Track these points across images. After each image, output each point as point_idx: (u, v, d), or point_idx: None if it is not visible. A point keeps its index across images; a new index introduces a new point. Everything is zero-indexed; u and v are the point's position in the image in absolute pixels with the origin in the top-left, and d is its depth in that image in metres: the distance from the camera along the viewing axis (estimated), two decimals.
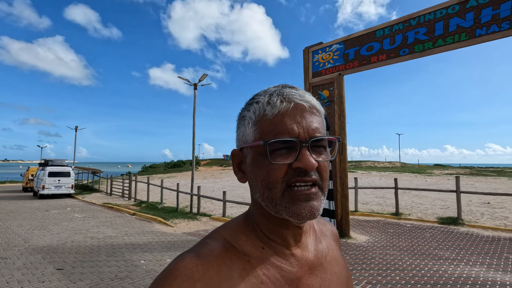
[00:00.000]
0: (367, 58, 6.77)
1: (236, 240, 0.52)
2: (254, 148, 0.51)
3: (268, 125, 0.49)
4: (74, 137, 26.62)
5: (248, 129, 0.52)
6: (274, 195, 0.48)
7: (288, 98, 0.50)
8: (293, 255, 0.54)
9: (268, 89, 0.54)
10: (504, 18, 5.03)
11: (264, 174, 0.49)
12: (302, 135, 0.48)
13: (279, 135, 0.48)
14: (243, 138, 0.54)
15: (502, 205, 10.81)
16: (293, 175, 0.48)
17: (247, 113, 0.53)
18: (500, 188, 17.10)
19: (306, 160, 0.47)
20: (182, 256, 0.48)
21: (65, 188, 16.76)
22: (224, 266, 0.47)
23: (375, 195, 14.60)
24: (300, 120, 0.49)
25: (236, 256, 0.50)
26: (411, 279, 4.31)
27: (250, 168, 0.52)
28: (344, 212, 6.97)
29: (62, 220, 9.52)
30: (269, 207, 0.50)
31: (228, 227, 0.56)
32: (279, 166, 0.48)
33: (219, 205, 12.00)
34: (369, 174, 30.24)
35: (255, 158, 0.51)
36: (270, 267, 0.50)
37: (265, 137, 0.49)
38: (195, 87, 12.41)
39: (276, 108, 0.49)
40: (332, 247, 0.63)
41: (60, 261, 5.27)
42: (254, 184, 0.51)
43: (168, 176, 33.47)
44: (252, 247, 0.52)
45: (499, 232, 7.15)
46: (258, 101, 0.52)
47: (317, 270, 0.56)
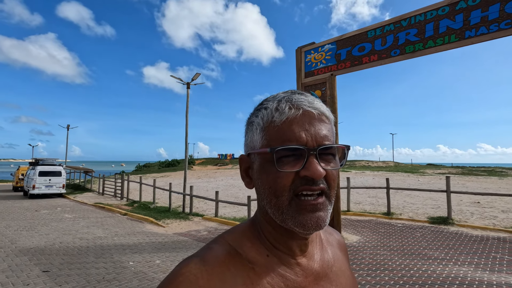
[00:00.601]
0: (359, 59, 6.78)
1: (241, 246, 0.52)
2: (262, 155, 0.50)
3: (276, 132, 0.49)
4: (66, 136, 26.29)
5: (256, 135, 0.52)
6: (281, 203, 0.48)
7: (297, 105, 0.50)
8: (298, 264, 0.53)
9: (277, 94, 0.54)
10: (493, 20, 5.08)
11: (271, 181, 0.48)
12: (310, 143, 0.48)
13: (287, 142, 0.47)
14: (251, 144, 0.53)
15: (491, 204, 10.96)
16: (300, 184, 0.47)
17: (255, 119, 0.53)
18: (490, 187, 17.35)
19: (313, 169, 0.46)
20: (187, 261, 0.48)
21: (56, 187, 16.53)
22: (228, 273, 0.47)
23: (368, 194, 14.69)
24: (308, 128, 0.48)
25: (241, 263, 0.49)
26: (399, 279, 4.34)
27: (257, 175, 0.52)
28: (336, 212, 6.98)
29: (52, 220, 9.38)
30: (275, 215, 0.50)
31: (233, 233, 0.55)
32: (286, 174, 0.47)
33: (212, 205, 11.95)
34: (363, 173, 30.45)
35: (262, 165, 0.50)
36: (275, 276, 0.50)
37: (273, 144, 0.48)
38: (188, 86, 12.33)
39: (285, 115, 0.49)
40: (338, 257, 0.62)
41: (47, 263, 5.18)
42: (261, 191, 0.51)
43: (162, 175, 33.27)
44: (257, 254, 0.51)
45: (487, 232, 7.24)
46: (267, 107, 0.51)
47: (322, 280, 0.55)
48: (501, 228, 7.36)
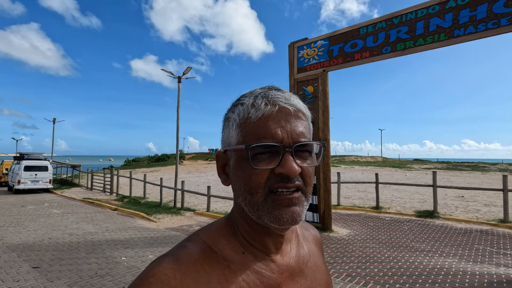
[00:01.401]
0: (351, 55, 6.85)
1: (216, 244, 0.51)
2: (237, 152, 0.50)
3: (251, 129, 0.48)
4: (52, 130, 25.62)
5: (232, 132, 0.51)
6: (256, 200, 0.48)
7: (273, 101, 0.49)
8: (274, 261, 0.53)
9: (254, 90, 0.53)
10: (481, 20, 5.21)
11: (246, 178, 0.48)
12: (286, 139, 0.47)
13: (262, 139, 0.47)
14: (227, 140, 0.53)
15: (475, 198, 11.38)
16: (275, 181, 0.47)
17: (231, 115, 0.52)
18: (473, 182, 17.97)
19: (288, 166, 0.46)
20: (159, 260, 0.47)
21: (43, 182, 16.15)
22: (202, 272, 0.46)
23: (357, 189, 14.98)
24: (284, 124, 0.48)
25: (216, 261, 0.48)
26: (388, 271, 4.48)
27: (233, 172, 0.51)
28: (327, 206, 7.11)
29: (39, 216, 9.19)
30: (251, 212, 0.49)
31: (208, 230, 0.54)
32: (261, 171, 0.47)
33: (203, 199, 11.95)
34: (352, 168, 30.95)
35: (238, 162, 0.50)
36: (250, 273, 0.50)
37: (248, 141, 0.48)
38: (179, 80, 12.18)
39: (260, 111, 0.48)
40: (314, 253, 0.63)
41: (37, 259, 5.10)
42: (237, 188, 0.51)
43: (152, 170, 32.92)
44: (233, 252, 0.51)
45: (471, 225, 7.53)
46: (243, 103, 0.51)
47: (297, 276, 0.55)
48: (483, 221, 7.67)
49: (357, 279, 4.17)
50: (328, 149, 7.20)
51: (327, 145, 7.19)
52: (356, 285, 3.98)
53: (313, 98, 7.43)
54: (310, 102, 7.47)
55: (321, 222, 7.13)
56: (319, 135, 7.25)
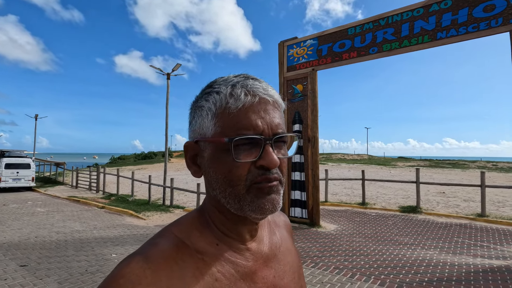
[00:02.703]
0: (339, 55, 7.01)
1: (188, 237, 0.50)
2: (215, 143, 0.48)
3: (230, 119, 0.47)
4: (33, 126, 24.80)
5: (207, 121, 0.49)
6: (237, 191, 0.47)
7: (253, 91, 0.48)
8: (249, 249, 0.53)
9: (228, 77, 0.50)
10: (461, 23, 5.47)
11: (226, 171, 0.47)
12: (266, 131, 0.47)
13: (243, 130, 0.46)
14: (199, 131, 0.50)
15: (455, 194, 11.88)
16: (257, 174, 0.47)
17: (205, 104, 0.49)
18: (454, 179, 18.70)
19: (270, 158, 0.46)
20: (128, 260, 0.45)
21: (25, 180, 15.68)
22: (175, 267, 0.45)
23: (344, 186, 15.32)
24: (264, 115, 0.47)
25: (189, 255, 0.47)
26: (374, 263, 4.68)
27: (208, 164, 0.50)
28: (315, 202, 7.29)
29: (23, 214, 8.95)
30: (230, 204, 0.48)
31: (180, 224, 0.53)
32: (242, 164, 0.46)
33: (192, 197, 11.93)
34: (339, 166, 31.51)
35: (216, 154, 0.48)
36: (225, 263, 0.50)
37: (228, 132, 0.47)
38: (168, 77, 12.07)
39: (241, 102, 0.47)
40: (285, 237, 0.64)
41: (24, 258, 5.01)
42: (214, 181, 0.49)
43: (138, 168, 32.43)
44: (206, 244, 0.50)
45: (451, 219, 7.89)
46: (219, 91, 0.48)
47: (271, 262, 0.56)
48: (462, 216, 8.05)
49: (344, 271, 4.34)
50: (316, 146, 7.36)
51: (316, 143, 7.35)
52: (343, 277, 4.14)
53: (302, 96, 7.57)
54: (300, 100, 7.60)
55: (309, 218, 7.30)
56: (308, 133, 7.40)
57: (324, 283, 3.94)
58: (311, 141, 7.36)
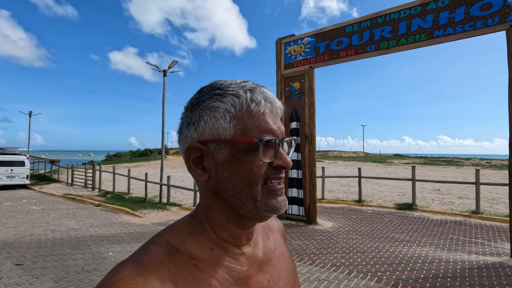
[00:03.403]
0: (337, 53, 7.01)
1: (181, 243, 0.50)
2: (236, 144, 0.49)
3: (252, 122, 0.49)
4: (27, 123, 24.50)
5: (224, 123, 0.49)
6: (254, 192, 0.49)
7: (269, 99, 0.52)
8: (243, 254, 0.54)
9: (237, 82, 0.52)
10: (458, 22, 5.48)
11: (247, 171, 0.48)
12: (280, 135, 0.51)
13: (264, 133, 0.49)
14: (212, 132, 0.50)
15: (450, 191, 12.00)
16: (271, 173, 0.50)
17: (221, 105, 0.50)
18: (449, 176, 18.88)
19: (286, 159, 0.50)
20: (119, 268, 0.44)
21: (19, 178, 15.52)
22: (168, 274, 0.44)
23: (340, 183, 15.39)
24: (275, 121, 0.52)
25: (182, 261, 0.47)
26: (370, 260, 4.71)
27: (223, 165, 0.49)
28: (312, 200, 7.31)
29: (18, 212, 8.87)
30: (245, 204, 0.49)
31: (173, 230, 0.53)
32: (263, 164, 0.49)
33: (189, 194, 11.91)
34: (335, 163, 31.64)
35: (235, 155, 0.49)
36: (219, 269, 0.50)
37: (250, 134, 0.48)
38: (165, 74, 11.97)
39: (261, 107, 0.50)
40: (279, 242, 0.65)
41: (19, 256, 4.97)
42: (228, 182, 0.49)
43: (134, 165, 32.25)
44: (200, 249, 0.50)
45: (446, 216, 7.97)
46: (238, 95, 0.50)
47: (266, 266, 0.56)
48: (457, 213, 8.14)
49: (341, 269, 4.37)
50: (313, 144, 7.38)
51: (313, 140, 7.36)
52: (340, 274, 4.17)
53: (299, 94, 7.56)
54: (297, 98, 7.60)
55: (306, 215, 7.33)
56: (305, 131, 7.40)
57: (322, 280, 3.97)
58: (308, 138, 7.37)
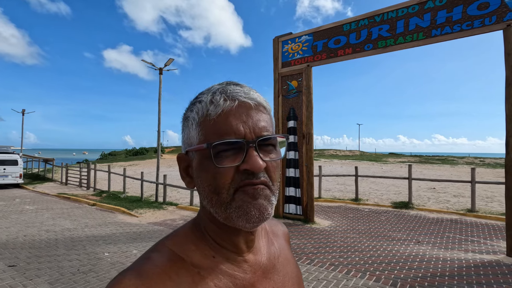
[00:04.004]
0: (335, 51, 6.99)
1: (184, 250, 0.49)
2: (199, 152, 0.48)
3: (212, 126, 0.46)
4: (20, 121, 24.13)
5: (192, 131, 0.49)
6: (222, 199, 0.46)
7: (232, 96, 0.47)
8: (246, 261, 0.52)
9: (212, 87, 0.51)
10: (456, 21, 5.49)
11: (211, 178, 0.46)
12: (249, 135, 0.46)
13: (224, 136, 0.45)
14: (187, 141, 0.50)
15: (445, 190, 12.10)
16: (241, 179, 0.45)
17: (190, 114, 0.50)
18: (443, 174, 19.06)
19: (253, 162, 0.44)
20: (120, 277, 0.43)
21: (12, 177, 15.28)
22: (169, 283, 0.43)
23: (337, 182, 15.44)
24: (246, 119, 0.46)
25: (184, 269, 0.46)
26: (368, 259, 4.71)
27: (196, 173, 0.49)
28: (309, 199, 7.30)
29: (11, 212, 8.72)
30: (218, 213, 0.47)
31: (174, 237, 0.52)
32: (226, 169, 0.45)
33: (185, 193, 11.84)
34: (331, 162, 31.76)
35: (201, 162, 0.48)
36: (222, 277, 0.48)
37: (210, 139, 0.46)
38: (161, 72, 11.85)
39: (220, 107, 0.46)
40: (283, 247, 0.63)
41: (12, 257, 4.87)
42: (201, 190, 0.49)
43: (130, 164, 32.02)
44: (202, 257, 0.49)
45: (442, 214, 8.03)
46: (201, 100, 0.49)
47: (270, 273, 0.55)
48: (453, 211, 8.20)
49: (340, 268, 4.36)
50: (311, 143, 7.36)
51: (311, 139, 7.35)
52: (339, 274, 4.16)
53: (297, 92, 7.53)
54: (294, 96, 7.57)
55: (304, 214, 7.32)
56: (303, 129, 7.38)
57: (320, 279, 3.95)
58: (305, 137, 7.35)
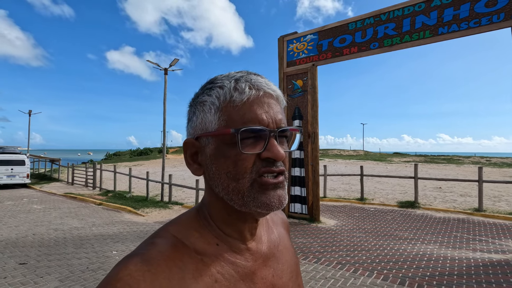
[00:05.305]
0: (340, 50, 6.97)
1: (187, 237, 0.49)
2: (219, 137, 0.47)
3: (236, 112, 0.46)
4: (27, 122, 24.41)
5: (209, 116, 0.48)
6: (241, 186, 0.46)
7: (257, 86, 0.48)
8: (248, 249, 0.53)
9: (230, 74, 0.51)
10: (463, 18, 5.45)
11: (231, 165, 0.46)
12: (271, 124, 0.47)
13: (249, 123, 0.45)
14: (201, 126, 0.49)
15: (451, 189, 12.00)
16: (261, 166, 0.46)
17: (208, 98, 0.49)
18: (449, 174, 18.90)
19: (276, 151, 0.46)
20: (125, 262, 0.42)
21: (20, 177, 15.48)
22: (175, 269, 0.43)
23: (342, 181, 15.39)
24: (268, 109, 0.47)
25: (188, 256, 0.46)
26: (375, 258, 4.70)
27: (211, 159, 0.48)
28: (315, 198, 7.29)
29: (19, 212, 8.83)
30: (233, 200, 0.47)
31: (178, 223, 0.52)
32: (248, 156, 0.45)
33: (190, 193, 11.88)
34: (336, 161, 31.66)
35: (220, 148, 0.47)
36: (225, 264, 0.49)
37: (233, 125, 0.46)
38: (166, 72, 11.92)
39: (245, 95, 0.46)
40: (283, 235, 0.64)
41: (22, 255, 4.94)
42: (216, 177, 0.48)
43: (135, 164, 32.23)
44: (206, 244, 0.49)
45: (449, 214, 7.97)
46: (222, 86, 0.48)
47: (270, 261, 0.55)
48: (460, 210, 8.13)
49: (347, 267, 4.35)
50: (317, 142, 7.35)
51: (316, 139, 7.34)
52: (346, 272, 4.15)
53: (302, 92, 7.53)
54: (300, 96, 7.56)
55: (309, 213, 7.31)
56: (308, 129, 7.38)
57: (328, 278, 3.95)
58: (311, 136, 7.34)
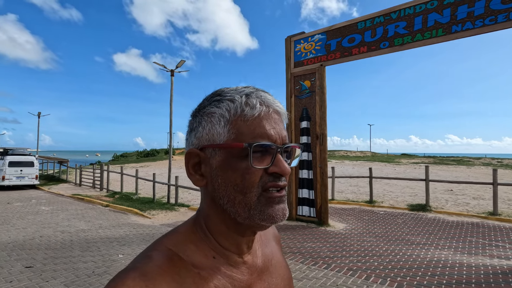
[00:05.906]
0: (349, 50, 6.83)
1: (184, 250, 0.49)
2: (228, 149, 0.48)
3: (246, 127, 0.47)
4: (36, 124, 24.76)
5: (218, 128, 0.49)
6: (248, 200, 0.47)
7: (266, 102, 0.50)
8: (245, 262, 0.53)
9: (238, 88, 0.52)
10: (478, 16, 5.27)
11: (239, 178, 0.47)
12: (278, 140, 0.49)
13: (258, 138, 0.47)
14: (208, 137, 0.50)
15: (463, 192, 11.70)
16: (267, 180, 0.47)
17: (217, 110, 0.50)
18: (460, 176, 18.49)
19: (283, 166, 0.48)
20: (122, 277, 0.42)
21: (29, 178, 15.65)
22: (173, 283, 0.43)
23: (349, 183, 15.16)
24: (275, 126, 0.49)
25: (185, 269, 0.46)
26: (388, 264, 4.54)
27: (217, 171, 0.49)
28: (323, 200, 7.15)
29: (27, 213, 8.88)
30: (238, 213, 0.48)
31: (173, 236, 0.51)
32: (256, 170, 0.47)
33: (196, 195, 11.82)
34: (343, 163, 31.35)
35: (228, 161, 0.48)
36: (221, 277, 0.49)
37: (242, 139, 0.47)
38: (172, 74, 11.91)
39: (256, 110, 0.48)
40: (275, 249, 0.64)
41: (29, 258, 4.92)
42: (222, 189, 0.48)
43: (141, 165, 32.41)
44: (203, 257, 0.49)
45: (462, 217, 7.73)
46: (233, 99, 0.49)
47: (264, 275, 0.56)
48: (473, 214, 7.89)
49: (358, 273, 4.20)
50: (325, 143, 7.21)
51: (324, 140, 7.20)
52: (358, 279, 4.01)
53: (310, 93, 7.40)
54: (307, 96, 7.44)
55: (317, 216, 7.17)
56: (316, 130, 7.24)
57: (339, 285, 3.81)
58: (319, 138, 7.21)
